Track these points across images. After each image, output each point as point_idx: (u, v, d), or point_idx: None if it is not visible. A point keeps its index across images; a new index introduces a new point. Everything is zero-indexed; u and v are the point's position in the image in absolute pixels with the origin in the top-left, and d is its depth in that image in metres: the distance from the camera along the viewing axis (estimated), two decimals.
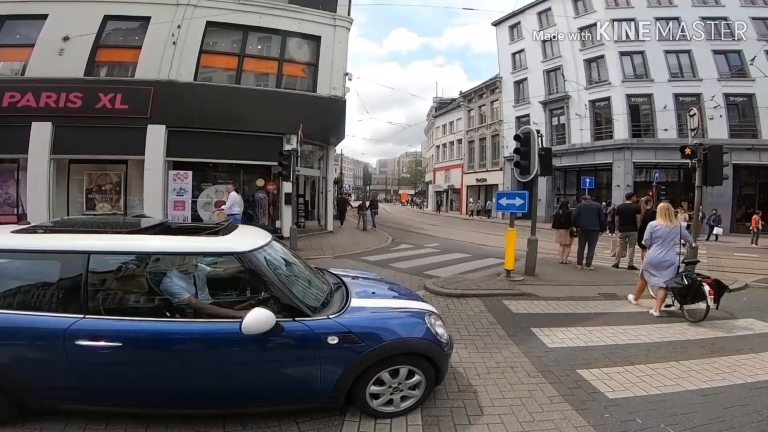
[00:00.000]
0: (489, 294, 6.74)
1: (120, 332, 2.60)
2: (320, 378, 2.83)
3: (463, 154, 39.21)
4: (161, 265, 2.99)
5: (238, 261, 2.94)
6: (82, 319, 2.59)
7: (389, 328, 3.05)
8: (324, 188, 16.15)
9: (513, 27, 31.07)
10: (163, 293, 2.82)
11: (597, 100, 24.96)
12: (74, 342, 2.53)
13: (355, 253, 11.15)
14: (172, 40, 11.53)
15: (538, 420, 3.07)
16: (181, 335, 2.72)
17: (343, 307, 3.09)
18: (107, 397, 2.74)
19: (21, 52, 11.32)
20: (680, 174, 22.39)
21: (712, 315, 5.49)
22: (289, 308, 2.80)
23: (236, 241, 3.13)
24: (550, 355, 4.28)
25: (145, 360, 2.67)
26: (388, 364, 2.96)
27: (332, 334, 2.80)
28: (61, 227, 3.30)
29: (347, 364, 2.83)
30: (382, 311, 3.29)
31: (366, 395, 2.96)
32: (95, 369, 2.62)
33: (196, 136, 11.81)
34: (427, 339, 3.11)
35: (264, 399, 2.90)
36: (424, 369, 3.06)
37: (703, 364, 4.09)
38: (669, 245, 5.85)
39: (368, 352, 2.85)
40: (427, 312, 3.42)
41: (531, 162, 7.78)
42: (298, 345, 2.79)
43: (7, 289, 2.70)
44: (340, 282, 3.76)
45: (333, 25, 13.38)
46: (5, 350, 2.60)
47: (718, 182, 8.15)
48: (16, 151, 10.93)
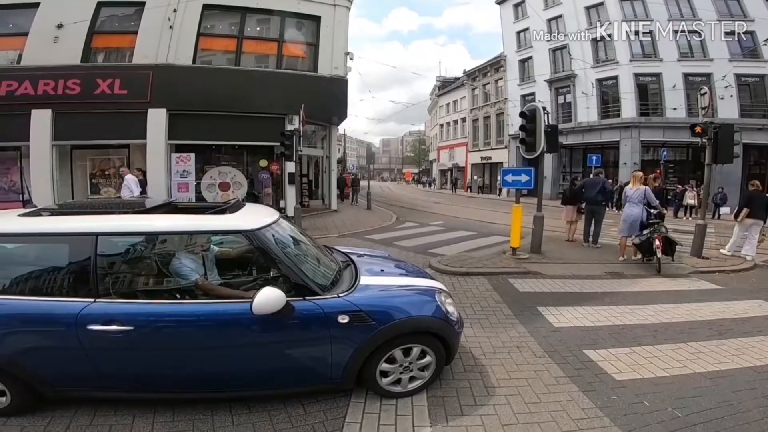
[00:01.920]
0: (495, 272, 6.70)
1: (132, 315, 2.56)
2: (330, 358, 2.78)
3: (468, 132, 38.82)
4: (169, 245, 2.95)
5: (246, 239, 2.86)
6: (93, 302, 2.54)
7: (399, 306, 3.00)
8: (327, 168, 16.06)
9: (517, 5, 30.35)
10: (172, 275, 2.78)
11: (604, 79, 24.51)
12: (86, 327, 2.49)
13: (359, 231, 11.13)
14: (168, 24, 11.31)
15: (544, 401, 3.05)
16: (192, 317, 2.67)
17: (353, 286, 3.04)
18: (120, 383, 2.71)
19: (15, 41, 11.16)
20: (688, 153, 22.17)
21: (720, 296, 5.54)
22: (298, 287, 2.75)
23: (243, 218, 3.06)
24: (556, 335, 4.25)
25: (157, 343, 2.63)
26: (399, 343, 2.93)
27: (342, 312, 2.75)
28: (67, 209, 3.23)
29: (358, 344, 2.79)
30: (391, 289, 3.24)
31: (376, 373, 2.94)
32: (108, 354, 2.59)
33: (198, 119, 11.70)
34: (437, 317, 3.07)
35: (273, 381, 2.87)
36: (434, 348, 3.03)
37: (710, 346, 4.03)
38: (633, 204, 7.52)
39: (379, 330, 2.81)
40: (437, 290, 3.37)
41: (537, 139, 7.65)
42: (308, 324, 2.74)
43: (17, 274, 2.65)
44: (348, 260, 3.70)
45: (333, 4, 13.06)
46: (17, 338, 2.55)
47: (728, 160, 8.04)
48: (18, 139, 10.88)
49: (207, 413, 2.79)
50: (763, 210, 8.15)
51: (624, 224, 7.66)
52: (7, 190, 11.50)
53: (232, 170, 12.47)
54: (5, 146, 11.28)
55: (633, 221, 7.50)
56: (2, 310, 2.52)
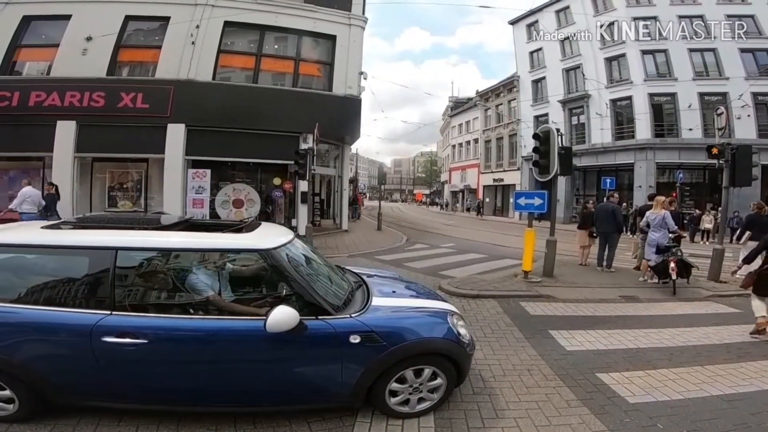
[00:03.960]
0: (506, 295, 6.62)
1: (147, 329, 2.59)
2: (341, 377, 2.80)
3: (480, 153, 38.82)
4: (185, 261, 3.00)
5: (262, 258, 2.92)
6: (110, 315, 2.59)
7: (411, 327, 3.01)
8: (339, 187, 16.18)
9: (530, 25, 30.60)
10: (186, 290, 2.82)
11: (618, 99, 24.38)
12: (101, 338, 2.53)
13: (370, 252, 11.13)
14: (191, 40, 11.70)
15: (555, 424, 2.98)
16: (206, 332, 2.70)
17: (365, 306, 3.07)
18: (130, 395, 2.74)
19: (46, 53, 11.63)
20: (705, 175, 21.78)
21: (739, 319, 5.44)
22: (311, 306, 2.78)
23: (260, 238, 3.11)
24: (568, 358, 4.17)
25: (170, 357, 2.66)
26: (410, 363, 2.93)
27: (354, 333, 2.77)
28: (88, 223, 3.31)
29: (368, 364, 2.80)
30: (403, 310, 3.26)
31: (385, 393, 2.93)
32: (121, 366, 2.62)
33: (215, 135, 11.94)
34: (449, 339, 3.07)
35: (283, 398, 2.87)
36: (445, 370, 3.02)
37: (728, 369, 3.94)
38: (656, 229, 7.52)
39: (390, 351, 2.82)
40: (449, 312, 3.37)
41: (550, 161, 7.61)
42: (320, 344, 2.76)
43: (36, 284, 2.71)
44: (360, 280, 3.74)
45: (348, 24, 13.40)
46: (32, 346, 2.60)
47: (746, 183, 7.90)
48: (42, 150, 11.22)
49: (212, 427, 2.78)
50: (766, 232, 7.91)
51: (648, 249, 7.66)
52: None
53: (246, 187, 12.64)
54: (30, 156, 11.65)
55: (656, 245, 7.48)
56: (19, 319, 2.59)
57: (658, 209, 7.66)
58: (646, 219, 7.81)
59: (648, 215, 7.79)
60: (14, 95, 10.97)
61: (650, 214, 7.74)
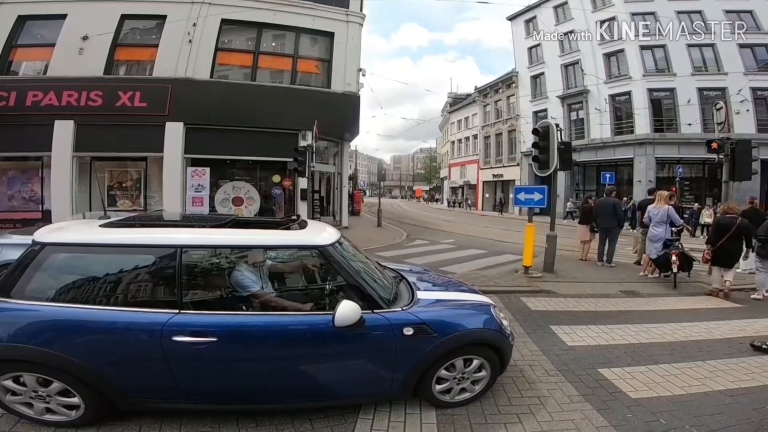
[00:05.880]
0: (506, 291, 6.62)
1: (216, 326, 2.59)
2: (393, 369, 2.86)
3: (479, 149, 38.82)
4: (244, 258, 2.98)
5: (320, 254, 2.95)
6: (178, 314, 2.57)
7: (459, 319, 3.11)
8: (339, 184, 16.16)
9: (529, 21, 30.56)
10: (242, 287, 2.82)
11: (617, 95, 24.35)
12: (171, 338, 2.50)
13: (370, 248, 11.05)
14: (188, 39, 11.63)
15: (557, 420, 2.99)
16: (275, 328, 2.72)
17: (412, 299, 3.13)
18: (195, 394, 2.71)
19: (42, 52, 11.55)
20: (704, 169, 21.84)
21: (740, 314, 5.48)
22: (367, 300, 2.81)
23: (316, 234, 3.11)
24: (569, 354, 4.17)
25: (238, 354, 2.65)
26: (460, 353, 3.02)
27: (408, 325, 2.83)
28: (145, 221, 3.26)
29: (420, 355, 2.87)
30: (449, 302, 3.35)
31: (433, 379, 3.01)
32: (188, 365, 2.60)
33: (213, 133, 11.90)
34: (495, 330, 3.17)
35: (337, 392, 2.90)
36: (490, 359, 3.12)
37: (730, 364, 3.94)
38: (657, 224, 7.44)
39: (441, 342, 2.89)
40: (491, 304, 3.48)
41: (550, 156, 7.61)
42: (377, 336, 2.80)
43: (103, 285, 2.66)
44: (399, 275, 3.80)
45: (346, 21, 13.33)
46: (103, 349, 2.53)
47: (746, 177, 7.89)
48: (41, 149, 11.17)
49: (215, 426, 2.78)
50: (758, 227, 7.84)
51: (649, 244, 7.61)
52: (27, 200, 11.74)
53: (245, 185, 12.60)
54: (28, 156, 11.62)
55: (658, 241, 7.44)
56: (88, 321, 2.52)
57: (661, 204, 7.60)
58: (648, 214, 7.73)
59: (650, 210, 7.71)
60: (11, 95, 10.90)
61: (652, 208, 7.67)
